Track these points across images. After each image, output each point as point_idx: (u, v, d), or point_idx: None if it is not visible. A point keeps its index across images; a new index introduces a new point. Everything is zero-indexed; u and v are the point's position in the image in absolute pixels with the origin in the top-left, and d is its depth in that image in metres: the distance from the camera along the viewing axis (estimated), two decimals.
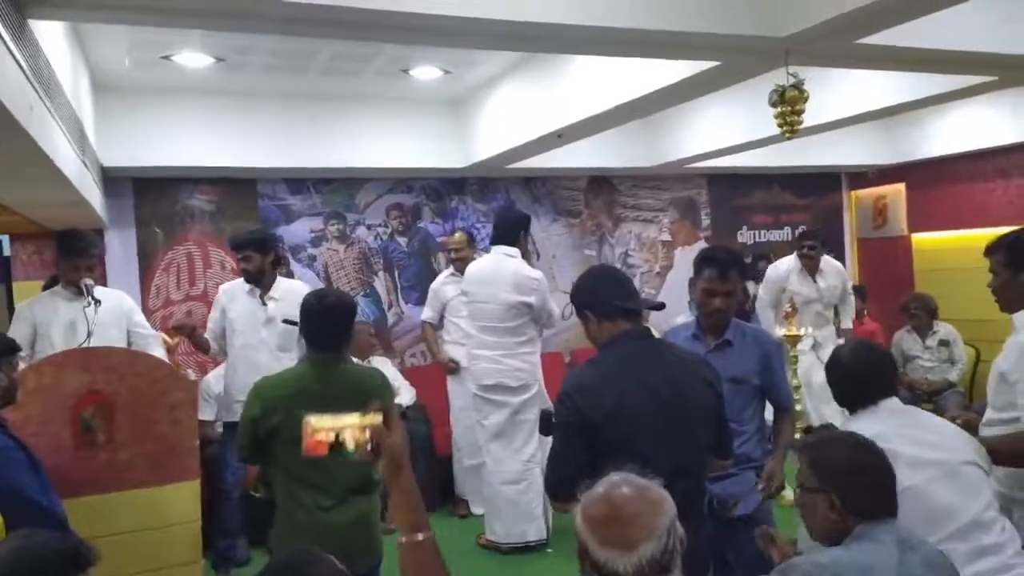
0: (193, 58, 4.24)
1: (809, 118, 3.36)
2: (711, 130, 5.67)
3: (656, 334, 2.57)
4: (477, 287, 4.34)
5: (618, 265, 6.81)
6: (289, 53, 4.30)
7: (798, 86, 3.16)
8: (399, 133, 5.45)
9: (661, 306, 2.47)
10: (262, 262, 3.87)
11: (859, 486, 1.64)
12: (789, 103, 3.18)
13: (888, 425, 2.04)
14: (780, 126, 3.19)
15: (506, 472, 4.30)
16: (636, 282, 6.83)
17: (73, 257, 3.53)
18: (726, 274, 2.54)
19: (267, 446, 2.52)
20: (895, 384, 2.23)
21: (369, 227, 6.03)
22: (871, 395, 2.15)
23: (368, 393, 2.60)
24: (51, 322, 3.51)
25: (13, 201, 3.68)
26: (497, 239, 4.39)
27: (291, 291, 3.84)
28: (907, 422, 2.11)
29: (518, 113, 4.84)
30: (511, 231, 4.37)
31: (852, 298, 5.67)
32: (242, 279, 3.98)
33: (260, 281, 3.90)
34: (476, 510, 4.82)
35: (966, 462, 2.00)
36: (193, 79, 4.63)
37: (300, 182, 5.77)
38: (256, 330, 3.87)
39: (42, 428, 2.78)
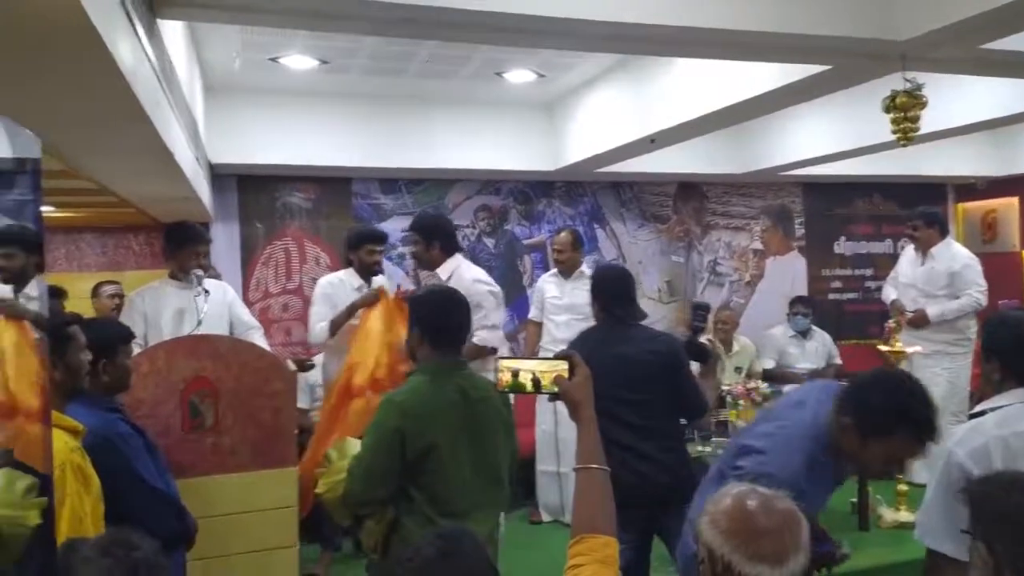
0: (299, 60, 4.39)
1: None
2: (808, 136, 5.49)
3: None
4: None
5: (706, 274, 6.70)
6: (388, 56, 4.40)
7: (913, 92, 3.03)
8: (490, 135, 5.51)
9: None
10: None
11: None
12: (902, 109, 3.05)
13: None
14: (894, 133, 3.06)
15: None
16: (725, 291, 6.71)
17: (190, 244, 3.71)
18: None
19: (413, 472, 2.17)
20: None
21: (457, 227, 6.09)
22: None
23: (498, 407, 2.34)
24: (160, 311, 3.67)
25: (132, 195, 3.90)
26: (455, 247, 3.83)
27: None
28: None
29: (610, 117, 4.81)
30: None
31: (971, 296, 4.80)
32: (342, 273, 3.98)
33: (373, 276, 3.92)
34: (547, 518, 4.77)
35: None
36: (296, 81, 4.80)
37: (392, 182, 5.89)
38: None
39: (153, 411, 2.91)
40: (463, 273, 3.62)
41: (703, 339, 3.03)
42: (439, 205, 6.03)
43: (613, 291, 2.93)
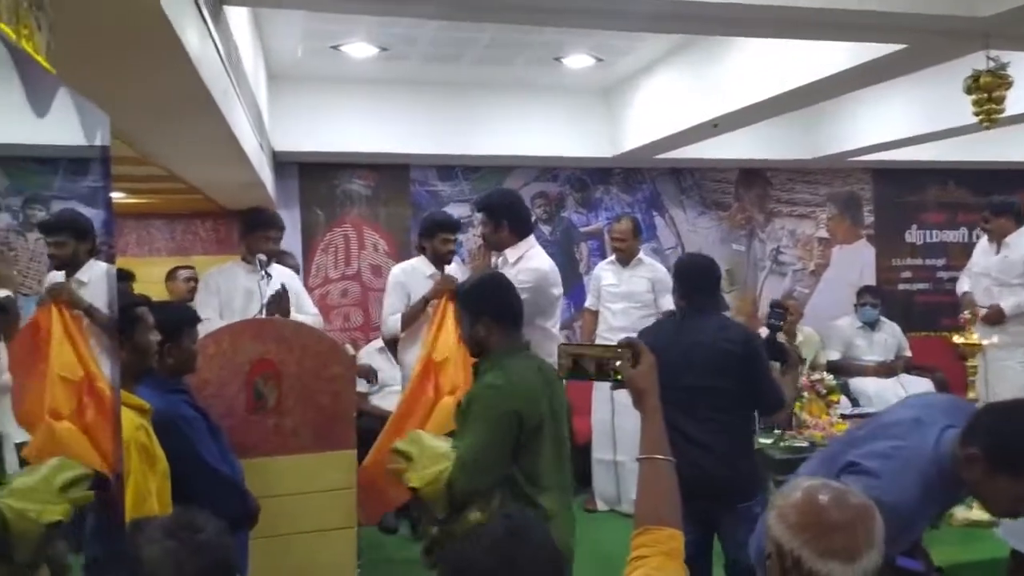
0: (359, 48, 4.42)
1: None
2: (880, 120, 5.27)
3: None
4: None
5: (768, 263, 6.54)
6: (447, 42, 4.40)
7: (998, 71, 2.86)
8: (548, 122, 5.47)
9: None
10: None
11: None
12: (986, 89, 2.89)
13: None
14: (976, 114, 2.90)
15: None
16: (787, 281, 6.53)
17: (260, 228, 3.84)
18: None
19: (519, 452, 2.17)
20: None
21: None
22: None
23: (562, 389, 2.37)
24: (232, 291, 3.78)
25: (199, 181, 4.00)
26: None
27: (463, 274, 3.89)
28: None
29: (670, 102, 4.71)
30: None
31: None
32: (415, 261, 3.93)
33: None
34: (602, 507, 4.71)
35: None
36: (356, 69, 4.83)
37: (449, 169, 5.90)
38: None
39: (218, 391, 2.98)
40: (530, 258, 3.33)
41: (780, 339, 2.93)
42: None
43: (699, 282, 2.92)
